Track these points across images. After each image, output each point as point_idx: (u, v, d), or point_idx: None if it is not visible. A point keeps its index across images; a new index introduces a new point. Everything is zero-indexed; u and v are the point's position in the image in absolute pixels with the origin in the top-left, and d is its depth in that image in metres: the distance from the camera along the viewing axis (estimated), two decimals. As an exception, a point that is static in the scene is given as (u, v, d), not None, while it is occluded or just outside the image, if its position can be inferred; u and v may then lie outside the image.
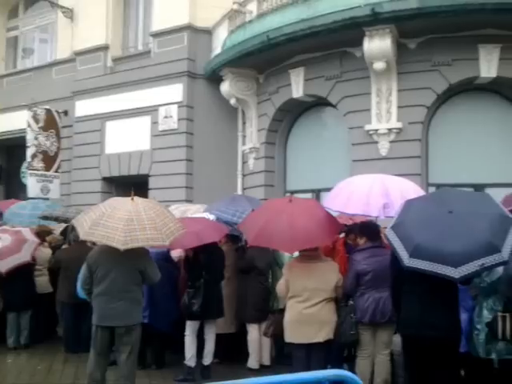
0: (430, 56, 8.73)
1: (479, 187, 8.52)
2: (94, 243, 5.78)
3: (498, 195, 5.66)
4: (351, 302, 4.93)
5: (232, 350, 6.57)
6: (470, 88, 9.11)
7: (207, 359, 5.91)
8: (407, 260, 3.63)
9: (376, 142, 8.98)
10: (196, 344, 5.89)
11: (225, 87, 10.89)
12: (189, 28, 11.48)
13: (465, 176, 8.75)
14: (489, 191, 8.55)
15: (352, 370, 4.77)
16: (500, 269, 4.12)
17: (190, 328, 5.87)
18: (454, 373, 3.92)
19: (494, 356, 4.25)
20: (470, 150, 8.99)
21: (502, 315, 4.21)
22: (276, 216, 4.97)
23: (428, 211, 3.89)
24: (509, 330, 4.14)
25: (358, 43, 8.65)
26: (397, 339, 4.78)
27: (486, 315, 4.33)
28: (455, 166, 8.92)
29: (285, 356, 5.80)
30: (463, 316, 4.27)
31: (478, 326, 4.37)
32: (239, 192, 11.22)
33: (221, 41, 10.94)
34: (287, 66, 10.15)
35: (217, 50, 11.08)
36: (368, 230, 4.99)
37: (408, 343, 4.08)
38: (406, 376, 4.30)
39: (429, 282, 3.73)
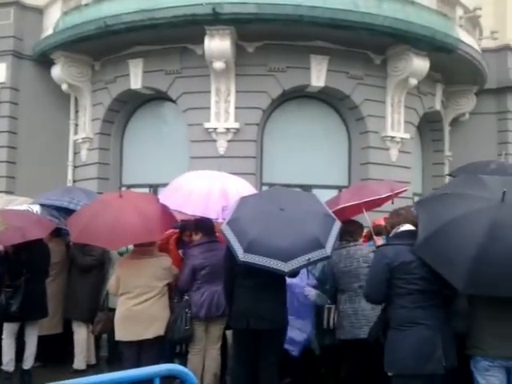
0: (267, 61, 9.14)
1: (307, 188, 9.14)
2: None
3: (322, 196, 6.12)
4: (186, 298, 4.90)
5: (57, 352, 6.14)
6: (302, 95, 9.74)
7: (27, 363, 5.43)
8: (242, 255, 3.74)
9: (214, 141, 9.12)
10: (14, 347, 5.38)
11: (56, 71, 10.14)
12: (16, 3, 10.45)
13: (295, 177, 9.33)
14: (315, 192, 9.28)
15: (184, 365, 4.75)
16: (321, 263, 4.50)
17: (8, 330, 5.36)
18: (278, 360, 4.11)
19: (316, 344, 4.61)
20: (300, 153, 9.61)
21: (328, 307, 4.57)
22: (102, 211, 4.77)
23: (261, 208, 4.06)
24: (332, 321, 4.52)
25: (199, 41, 8.69)
26: (229, 332, 4.90)
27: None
28: (286, 167, 9.46)
29: (117, 355, 5.58)
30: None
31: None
32: (69, 184, 10.52)
33: (53, 22, 10.14)
34: (126, 56, 9.80)
35: (48, 30, 10.25)
36: (203, 225, 5.02)
37: (239, 335, 4.20)
38: (235, 367, 4.41)
39: (260, 276, 3.88)
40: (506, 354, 3.16)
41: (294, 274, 4.03)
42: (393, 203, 5.77)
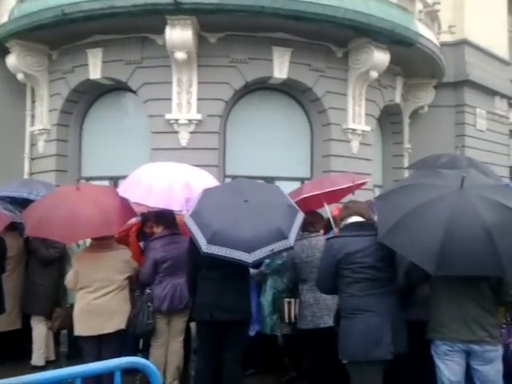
0: (229, 52, 9.07)
1: (269, 180, 9.16)
2: None
3: (285, 188, 6.13)
4: (148, 291, 4.84)
5: (16, 348, 5.98)
6: (264, 87, 9.73)
7: (-18, 362, 5.27)
8: (205, 246, 3.73)
9: (176, 132, 9.01)
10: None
11: (11, 60, 9.79)
12: (-33, -12, 10.05)
13: (257, 169, 9.32)
14: (277, 184, 9.31)
15: (146, 360, 4.70)
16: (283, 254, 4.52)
17: (-39, 329, 5.17)
18: (241, 351, 4.11)
19: (278, 332, 4.64)
20: (263, 145, 9.61)
21: (288, 301, 4.61)
22: (58, 204, 4.63)
23: (225, 200, 4.06)
24: (293, 314, 4.55)
25: (160, 31, 8.55)
26: (193, 325, 4.87)
27: (268, 293, 4.89)
28: (249, 159, 9.44)
29: (77, 350, 5.47)
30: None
31: (264, 303, 4.88)
32: (26, 177, 10.22)
33: (8, 9, 9.78)
34: (85, 45, 9.55)
35: (3, 18, 9.88)
36: (164, 218, 4.96)
37: (203, 327, 4.19)
38: (199, 359, 4.39)
39: (224, 268, 3.87)
40: (465, 338, 3.23)
41: (257, 264, 4.04)
42: (353, 194, 5.89)
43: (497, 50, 13.87)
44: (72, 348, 6.04)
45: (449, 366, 3.26)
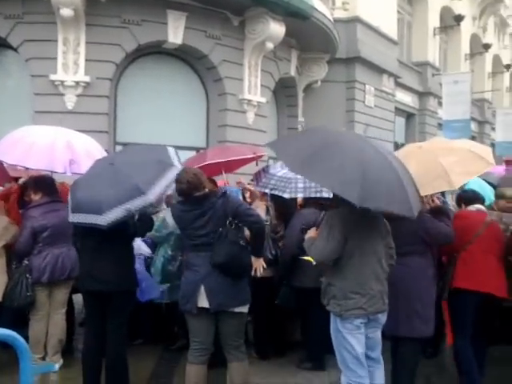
0: (120, 12, 8.64)
1: (163, 148, 8.94)
2: None
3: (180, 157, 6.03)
4: (26, 262, 4.53)
5: None
6: (159, 51, 9.40)
7: None
8: (70, 216, 3.64)
9: (62, 94, 8.47)
10: None
11: None
12: None
13: (151, 136, 9.00)
14: (172, 153, 9.13)
15: (25, 333, 4.42)
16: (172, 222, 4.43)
17: None
18: (124, 321, 4.00)
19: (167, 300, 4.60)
20: (157, 112, 9.34)
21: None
22: None
23: (96, 166, 3.91)
24: None
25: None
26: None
27: (158, 262, 4.80)
28: (142, 126, 9.14)
29: None
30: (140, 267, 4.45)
31: (154, 272, 4.79)
32: None
33: None
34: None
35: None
36: (44, 184, 4.62)
37: (84, 297, 4.04)
38: (85, 329, 4.23)
39: (97, 236, 3.71)
40: (380, 309, 3.19)
41: (143, 232, 3.93)
42: (257, 165, 5.98)
43: (386, 29, 14.55)
44: None
45: (359, 340, 3.18)
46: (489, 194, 5.12)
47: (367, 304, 3.11)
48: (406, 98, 17.08)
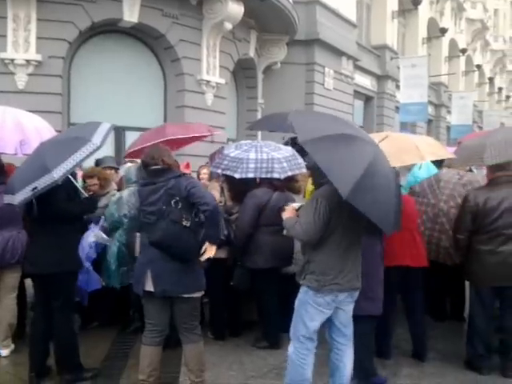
0: (72, -12, 8.34)
1: (120, 129, 8.78)
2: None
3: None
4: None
5: None
6: (114, 30, 9.16)
7: None
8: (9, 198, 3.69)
9: (12, 74, 8.15)
10: None
11: None
12: None
13: (106, 117, 8.69)
14: (129, 134, 8.98)
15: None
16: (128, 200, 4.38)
17: None
18: (67, 302, 3.95)
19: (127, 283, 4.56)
20: (113, 92, 9.13)
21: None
22: None
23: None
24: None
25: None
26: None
27: (113, 246, 4.67)
28: (97, 107, 8.90)
29: None
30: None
31: (109, 257, 4.68)
32: None
33: None
34: None
35: None
36: (-8, 166, 4.49)
37: (32, 280, 4.01)
38: (33, 314, 4.17)
39: (36, 219, 3.70)
40: (355, 285, 3.24)
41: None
42: (212, 142, 5.96)
43: (345, 12, 14.58)
44: None
45: (321, 316, 3.22)
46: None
47: (344, 279, 3.17)
48: (365, 81, 17.26)
